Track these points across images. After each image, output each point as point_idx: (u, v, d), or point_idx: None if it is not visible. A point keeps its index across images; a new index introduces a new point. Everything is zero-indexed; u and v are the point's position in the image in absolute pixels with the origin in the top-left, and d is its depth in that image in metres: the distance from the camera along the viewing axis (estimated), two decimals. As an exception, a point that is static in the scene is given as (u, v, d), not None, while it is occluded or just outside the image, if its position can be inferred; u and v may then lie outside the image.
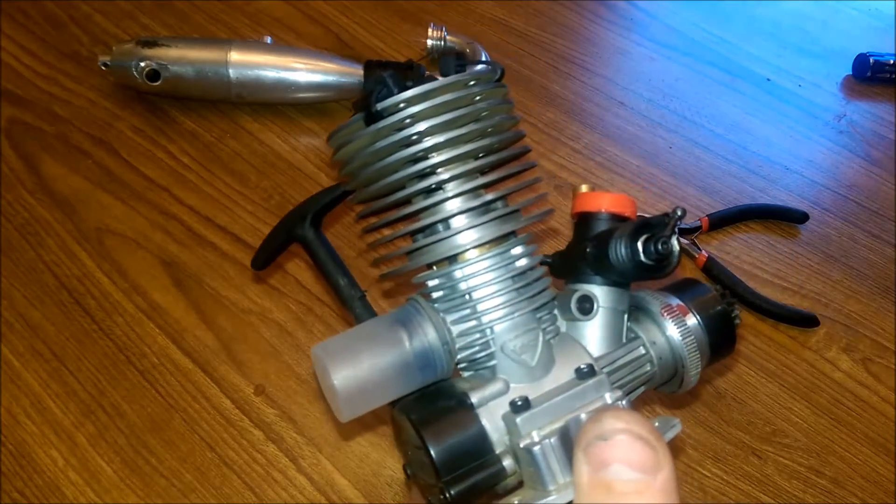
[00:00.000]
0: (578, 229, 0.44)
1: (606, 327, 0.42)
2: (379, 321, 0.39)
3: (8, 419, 0.60)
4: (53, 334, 0.66)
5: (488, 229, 0.40)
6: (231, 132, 0.84)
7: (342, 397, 0.36)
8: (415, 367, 0.38)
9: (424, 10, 1.03)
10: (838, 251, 0.82)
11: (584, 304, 0.41)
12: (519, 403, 0.36)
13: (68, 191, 0.77)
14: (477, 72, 0.40)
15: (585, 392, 0.37)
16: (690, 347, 0.43)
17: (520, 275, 0.40)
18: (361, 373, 0.37)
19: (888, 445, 0.66)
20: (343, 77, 0.84)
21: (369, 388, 0.37)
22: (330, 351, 0.37)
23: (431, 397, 0.38)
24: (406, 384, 0.38)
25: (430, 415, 0.37)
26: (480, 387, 0.38)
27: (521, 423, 0.36)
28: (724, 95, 0.99)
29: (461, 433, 0.36)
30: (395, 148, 0.39)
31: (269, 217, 0.76)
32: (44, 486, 0.57)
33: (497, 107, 0.40)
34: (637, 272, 0.40)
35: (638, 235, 0.39)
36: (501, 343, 0.39)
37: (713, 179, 0.88)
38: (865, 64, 1.04)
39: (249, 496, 0.58)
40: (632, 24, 1.10)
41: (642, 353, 0.42)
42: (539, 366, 0.39)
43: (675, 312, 0.43)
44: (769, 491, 0.62)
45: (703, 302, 0.44)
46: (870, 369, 0.72)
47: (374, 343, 0.38)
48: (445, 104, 0.38)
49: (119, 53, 0.81)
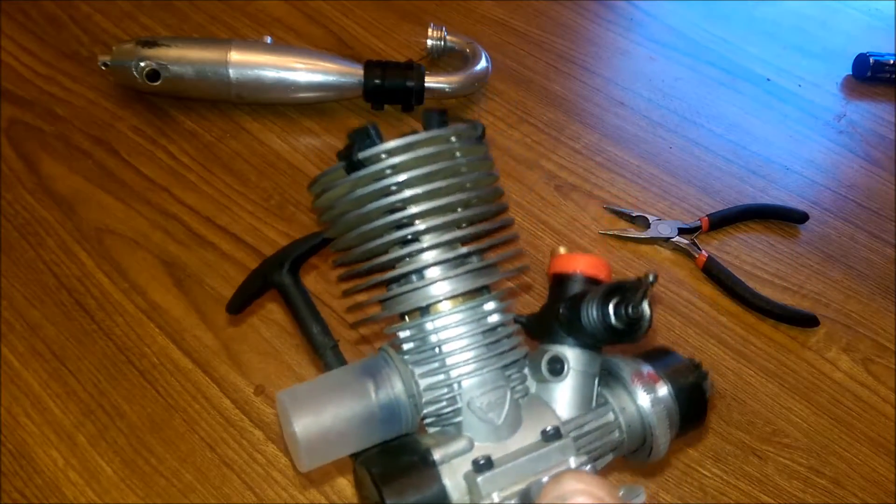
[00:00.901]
0: (553, 290, 0.44)
1: (576, 390, 0.41)
2: (347, 370, 0.39)
3: (8, 419, 0.60)
4: (53, 334, 0.66)
5: (461, 282, 0.40)
6: (231, 132, 0.84)
7: (303, 445, 0.36)
8: (379, 420, 0.37)
9: (424, 10, 1.03)
10: (838, 251, 0.82)
11: (554, 365, 0.41)
12: (481, 463, 0.36)
13: (68, 191, 0.77)
14: (458, 128, 0.40)
15: (550, 455, 0.37)
16: (660, 417, 0.42)
17: (490, 330, 0.40)
18: (324, 422, 0.36)
19: (888, 445, 0.66)
20: (343, 77, 0.84)
21: (331, 437, 0.36)
22: (294, 397, 0.37)
23: (395, 452, 0.38)
24: (369, 436, 0.38)
25: (392, 470, 0.36)
26: (444, 443, 0.37)
27: (481, 484, 0.35)
28: (724, 95, 0.99)
29: (421, 491, 0.36)
30: (373, 197, 0.39)
31: (269, 217, 0.76)
32: (44, 486, 0.57)
33: (477, 163, 0.41)
34: (608, 335, 0.39)
35: (609, 298, 0.39)
36: (468, 399, 0.38)
37: (713, 179, 0.88)
38: (865, 64, 1.04)
39: (249, 496, 0.58)
40: (632, 24, 1.10)
41: (611, 420, 0.41)
42: (505, 425, 0.39)
43: (646, 380, 0.42)
44: (769, 491, 0.62)
45: (676, 371, 0.43)
46: (870, 369, 0.72)
47: (339, 392, 0.37)
48: (426, 157, 0.39)
49: (119, 53, 0.81)
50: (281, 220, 0.76)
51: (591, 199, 0.83)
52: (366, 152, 0.39)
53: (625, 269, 0.77)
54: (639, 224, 0.81)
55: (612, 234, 0.79)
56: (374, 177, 0.39)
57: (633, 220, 0.81)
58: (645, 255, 0.79)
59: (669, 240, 0.79)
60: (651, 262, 0.78)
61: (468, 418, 0.38)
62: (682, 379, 0.43)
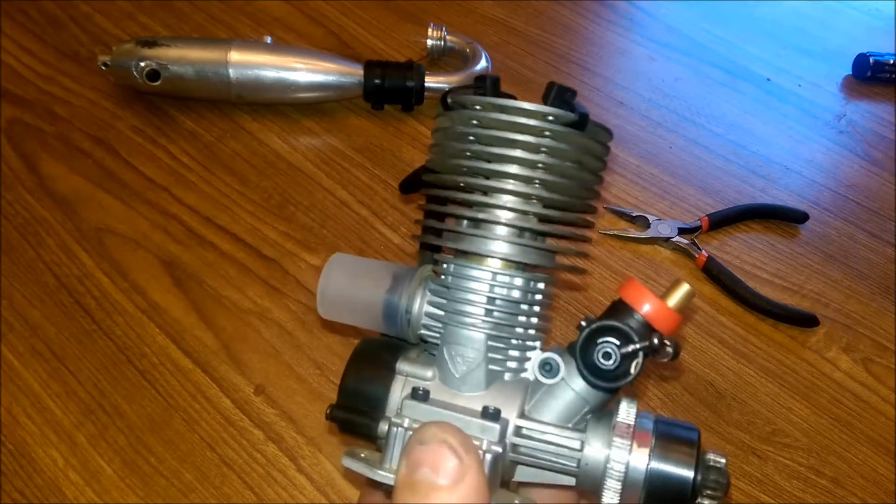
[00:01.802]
0: (608, 309, 0.41)
1: (559, 400, 0.40)
2: (388, 266, 0.44)
3: (8, 419, 0.60)
4: (53, 334, 0.66)
5: (486, 245, 0.41)
6: (231, 132, 0.84)
7: (320, 296, 0.44)
8: (380, 314, 0.43)
9: (424, 10, 1.03)
10: (838, 251, 0.82)
11: (544, 366, 0.41)
12: (419, 392, 0.39)
13: (68, 191, 0.77)
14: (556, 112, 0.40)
15: (471, 425, 0.38)
16: (614, 478, 0.38)
17: (494, 300, 0.41)
18: (342, 289, 0.44)
19: (888, 445, 0.66)
20: (343, 77, 0.84)
21: (344, 304, 0.44)
22: (338, 260, 0.45)
23: (383, 346, 0.43)
24: (371, 321, 0.43)
25: (366, 355, 0.43)
26: (414, 362, 0.42)
27: (405, 405, 0.39)
28: (724, 95, 0.99)
29: (371, 384, 0.41)
30: (453, 137, 0.41)
31: (269, 217, 0.76)
32: (44, 486, 0.57)
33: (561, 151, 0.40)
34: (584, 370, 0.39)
35: (602, 334, 0.38)
36: (446, 342, 0.41)
37: (713, 179, 0.88)
38: (865, 64, 1.04)
39: (249, 496, 0.58)
40: (632, 24, 1.10)
41: (573, 447, 0.39)
42: (463, 381, 0.40)
43: (629, 436, 0.38)
44: (769, 491, 0.62)
45: (672, 454, 0.38)
46: (870, 369, 0.72)
47: (365, 276, 0.44)
48: (509, 123, 0.40)
49: (119, 53, 0.81)
50: (281, 219, 0.76)
51: (591, 199, 0.83)
52: (459, 97, 0.40)
53: (625, 269, 0.77)
54: (639, 224, 0.81)
55: (612, 234, 0.79)
56: (458, 120, 0.41)
57: (633, 220, 0.81)
58: (645, 255, 0.79)
59: (669, 240, 0.79)
60: (651, 262, 0.78)
61: (441, 357, 0.41)
62: (671, 467, 0.38)
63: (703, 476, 0.38)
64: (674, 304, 0.40)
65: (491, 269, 0.41)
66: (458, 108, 0.41)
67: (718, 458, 0.39)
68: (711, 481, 0.38)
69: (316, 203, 0.78)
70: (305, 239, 0.75)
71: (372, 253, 0.74)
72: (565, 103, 0.40)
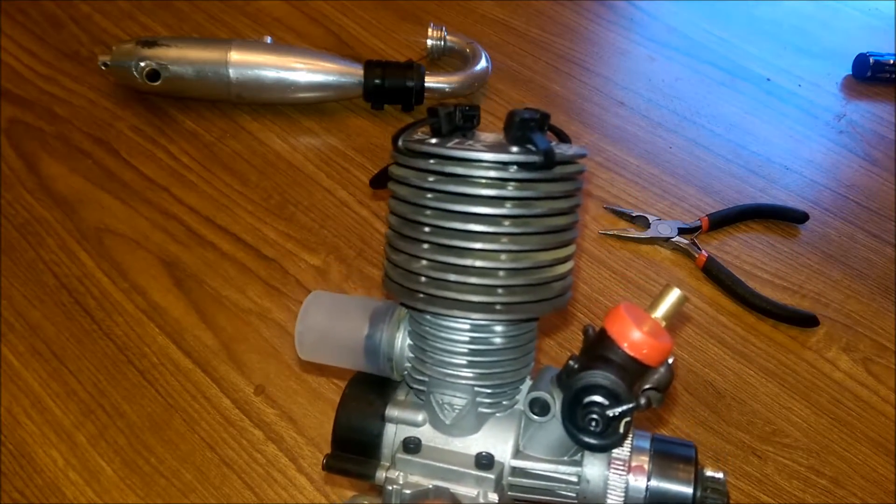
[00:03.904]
0: (592, 341, 0.39)
1: (553, 436, 0.39)
2: (366, 303, 0.43)
3: (8, 419, 0.60)
4: (53, 334, 0.66)
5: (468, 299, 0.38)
6: (231, 132, 0.84)
7: (298, 341, 0.43)
8: (361, 354, 0.42)
9: (424, 10, 1.03)
10: (838, 251, 0.82)
11: (533, 406, 0.40)
12: (411, 445, 0.39)
13: (68, 191, 0.77)
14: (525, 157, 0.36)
15: (466, 477, 0.38)
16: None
17: (480, 350, 0.39)
18: (320, 331, 0.43)
19: (888, 445, 0.66)
20: (343, 77, 0.84)
21: (323, 346, 0.43)
22: (316, 300, 0.43)
23: (374, 386, 0.43)
24: (354, 362, 0.42)
25: (357, 397, 0.42)
26: (405, 406, 0.41)
27: (397, 460, 0.38)
28: (724, 95, 0.99)
29: (363, 430, 0.41)
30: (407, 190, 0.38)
31: (269, 217, 0.76)
32: (44, 486, 0.57)
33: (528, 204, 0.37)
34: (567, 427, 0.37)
35: (587, 394, 0.36)
36: (432, 390, 0.40)
37: (713, 179, 0.88)
38: (865, 64, 1.04)
39: (249, 496, 0.58)
40: (632, 24, 1.10)
41: (571, 480, 0.39)
42: (454, 426, 0.40)
43: (624, 463, 0.38)
44: (769, 491, 0.62)
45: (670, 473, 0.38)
46: (870, 369, 0.72)
47: (343, 317, 0.43)
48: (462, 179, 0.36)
49: (119, 53, 0.81)
50: (281, 219, 0.76)
51: (591, 199, 0.83)
52: (408, 142, 0.38)
53: (625, 269, 0.77)
54: (639, 224, 0.81)
55: (612, 234, 0.79)
56: (412, 174, 0.38)
57: (633, 220, 0.81)
58: (645, 256, 0.79)
59: (669, 240, 0.79)
60: (651, 262, 0.78)
61: (429, 403, 0.40)
62: (671, 485, 0.38)
63: (702, 494, 0.38)
64: (663, 314, 0.38)
65: (469, 319, 0.38)
66: (407, 155, 0.38)
67: (716, 474, 0.40)
68: (710, 498, 0.38)
69: (316, 203, 0.78)
70: (305, 239, 0.75)
71: (372, 253, 0.74)
72: (526, 138, 0.37)
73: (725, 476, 0.39)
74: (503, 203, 0.36)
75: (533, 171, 0.36)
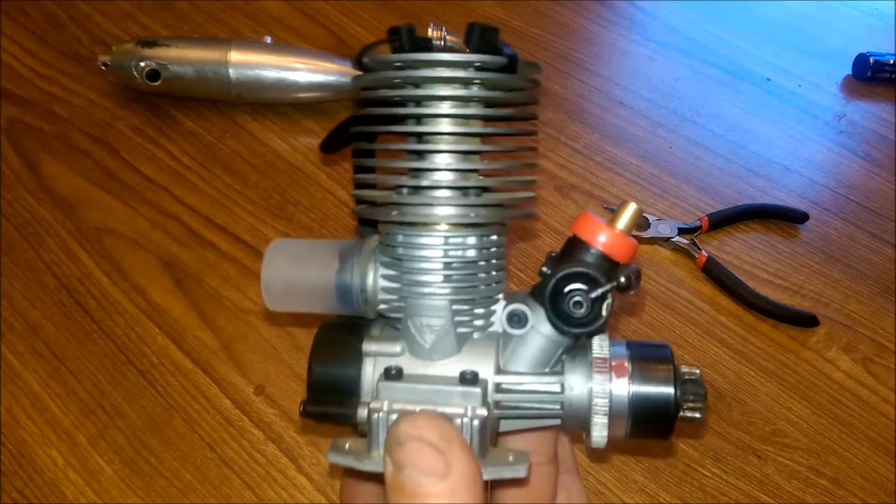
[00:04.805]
0: (563, 249, 0.41)
1: (532, 348, 0.40)
2: (331, 244, 0.42)
3: (8, 419, 0.60)
4: (53, 334, 0.66)
5: (431, 210, 0.39)
6: (231, 132, 0.84)
7: (265, 289, 0.41)
8: (332, 295, 0.41)
9: (424, 10, 1.03)
10: (838, 251, 0.82)
11: (512, 318, 0.40)
12: (392, 372, 0.38)
13: (68, 191, 0.77)
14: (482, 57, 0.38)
15: (452, 395, 0.37)
16: (600, 410, 0.38)
17: (454, 265, 0.40)
18: (288, 276, 0.41)
19: (888, 445, 0.66)
20: (343, 77, 0.84)
21: (292, 292, 0.42)
22: (279, 247, 0.42)
23: (344, 328, 0.42)
24: (324, 304, 0.41)
25: (329, 341, 0.41)
26: (380, 340, 0.40)
27: (380, 388, 0.38)
28: (724, 95, 0.99)
29: (341, 369, 0.40)
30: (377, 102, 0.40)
31: (269, 217, 0.76)
32: (44, 486, 0.57)
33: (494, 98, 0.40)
34: (556, 318, 0.39)
35: (569, 282, 0.38)
36: (410, 315, 0.40)
37: (713, 179, 0.88)
38: (865, 64, 1.04)
39: (249, 496, 0.58)
40: (632, 24, 1.10)
41: (554, 391, 0.39)
42: (434, 350, 0.39)
43: (607, 368, 0.39)
44: (769, 491, 0.62)
45: (651, 376, 0.39)
46: (870, 369, 0.72)
47: (310, 259, 0.41)
48: (434, 78, 0.38)
49: (119, 53, 0.81)
50: (281, 219, 0.76)
51: (591, 199, 0.83)
52: (377, 57, 0.39)
53: (625, 269, 0.77)
54: (639, 224, 0.81)
55: (612, 234, 0.79)
56: (378, 82, 0.39)
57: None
58: (645, 255, 0.79)
59: (669, 240, 0.79)
60: (651, 262, 0.78)
61: (406, 330, 0.40)
62: (652, 387, 0.39)
63: (681, 390, 0.39)
64: (624, 226, 0.39)
65: (442, 233, 0.39)
66: (377, 69, 0.39)
67: (693, 370, 0.40)
68: (690, 393, 0.39)
69: (316, 203, 0.78)
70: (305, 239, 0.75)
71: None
72: (490, 45, 0.39)
73: (700, 372, 0.40)
74: (471, 105, 0.39)
75: (497, 73, 0.39)
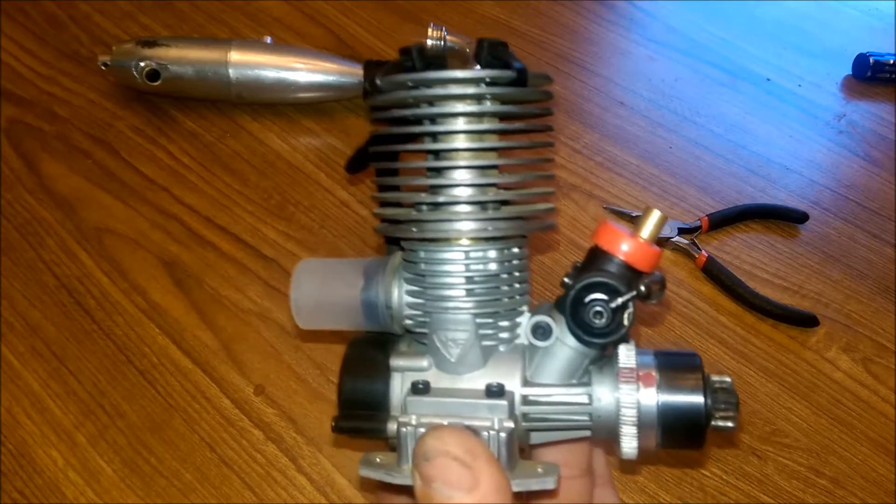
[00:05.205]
0: (585, 260, 0.41)
1: (558, 360, 0.40)
2: (356, 262, 0.43)
3: (8, 419, 0.60)
4: (53, 334, 0.66)
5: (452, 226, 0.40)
6: (231, 132, 0.84)
7: (294, 308, 0.43)
8: (359, 312, 0.42)
9: (424, 10, 1.03)
10: (838, 251, 0.82)
11: (536, 331, 0.40)
12: (419, 386, 0.39)
13: (68, 191, 0.77)
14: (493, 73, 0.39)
15: (478, 407, 0.37)
16: (628, 421, 0.38)
17: (477, 278, 0.40)
18: (315, 297, 0.43)
19: (888, 445, 0.66)
20: (343, 77, 0.84)
21: (320, 310, 0.43)
22: (306, 268, 0.44)
23: (372, 343, 0.43)
24: (353, 321, 0.42)
25: (358, 357, 0.42)
26: (408, 356, 0.41)
27: (408, 403, 0.38)
28: (724, 95, 0.99)
29: (370, 385, 0.41)
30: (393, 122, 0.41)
31: (269, 217, 0.76)
32: (44, 486, 0.57)
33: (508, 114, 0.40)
34: (577, 329, 0.39)
35: (590, 291, 0.38)
36: (435, 329, 0.40)
37: (713, 179, 0.88)
38: (865, 64, 1.04)
39: (249, 496, 0.58)
40: (632, 24, 1.10)
41: (582, 402, 0.39)
42: (460, 363, 0.40)
43: (635, 378, 0.38)
44: (769, 491, 0.62)
45: (680, 386, 0.38)
46: (870, 369, 0.72)
47: (337, 278, 0.43)
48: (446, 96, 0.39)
49: (119, 53, 0.81)
50: (281, 219, 0.76)
51: (591, 199, 0.83)
52: (390, 78, 0.40)
53: (625, 269, 0.77)
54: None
55: (612, 234, 0.79)
56: (392, 103, 0.40)
57: (632, 220, 0.81)
58: (645, 255, 0.79)
59: (669, 240, 0.79)
60: (651, 262, 0.78)
61: (432, 344, 0.40)
62: (681, 396, 0.38)
63: (712, 399, 0.39)
64: (648, 235, 0.39)
65: (463, 247, 0.40)
66: (390, 90, 0.40)
67: (724, 378, 0.40)
68: (722, 402, 0.39)
69: (316, 203, 0.78)
70: (305, 239, 0.75)
71: (372, 253, 0.74)
72: (499, 60, 0.39)
73: (732, 380, 0.40)
74: (485, 120, 0.39)
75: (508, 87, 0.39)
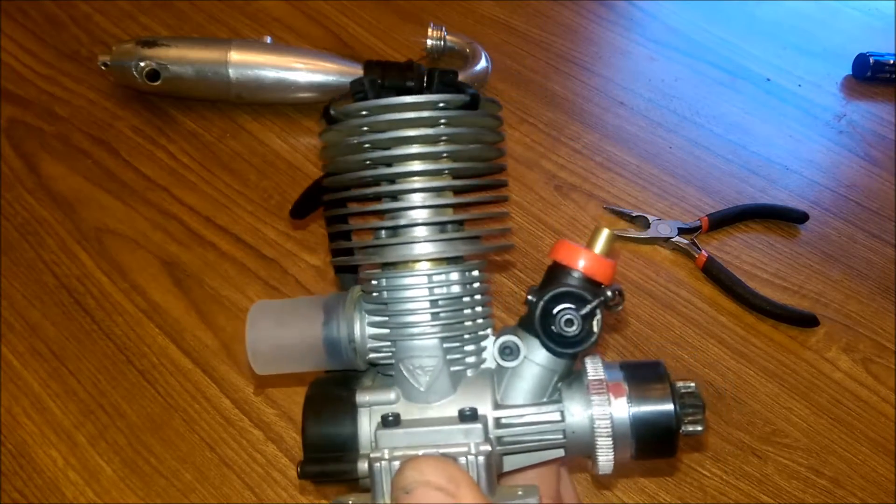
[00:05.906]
0: (545, 277, 0.41)
1: (527, 380, 0.40)
2: (312, 300, 0.42)
3: (8, 419, 0.60)
4: (53, 334, 0.66)
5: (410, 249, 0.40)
6: (231, 132, 0.84)
7: (250, 351, 0.41)
8: (321, 351, 0.40)
9: (424, 10, 1.03)
10: (838, 251, 0.82)
11: (503, 352, 0.40)
12: (389, 419, 0.38)
13: (68, 191, 0.77)
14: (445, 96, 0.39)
15: (453, 433, 0.37)
16: (603, 433, 0.38)
17: (440, 301, 0.40)
18: (273, 338, 0.41)
19: (888, 445, 0.66)
20: (343, 77, 0.84)
21: (279, 353, 0.41)
22: (261, 309, 0.42)
23: (335, 382, 0.41)
24: (313, 361, 0.41)
25: (320, 398, 0.40)
26: (373, 390, 0.40)
27: (379, 437, 0.37)
28: (724, 95, 0.99)
29: (336, 426, 0.39)
30: (348, 150, 0.40)
31: (269, 217, 0.76)
32: (44, 486, 0.57)
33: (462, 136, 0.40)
34: (548, 339, 0.39)
35: (558, 302, 0.38)
36: (402, 358, 0.39)
37: (713, 179, 0.88)
38: (865, 64, 1.04)
39: (249, 496, 0.58)
40: (632, 24, 1.10)
41: (555, 419, 0.39)
42: (430, 391, 0.39)
43: (605, 391, 0.39)
44: (769, 491, 0.62)
45: (648, 396, 0.39)
46: (870, 369, 0.72)
47: (294, 317, 0.41)
48: (400, 122, 0.39)
49: (119, 53, 0.81)
50: (281, 219, 0.76)
51: (591, 199, 0.83)
52: (344, 108, 0.39)
53: (625, 269, 0.77)
54: (639, 224, 0.81)
55: (612, 234, 0.79)
56: (347, 133, 0.40)
57: (632, 220, 0.81)
58: (645, 255, 0.79)
59: (669, 240, 0.79)
60: (651, 262, 0.78)
61: (399, 375, 0.40)
62: (651, 406, 0.38)
63: (680, 405, 0.39)
64: (601, 250, 0.40)
65: (425, 271, 0.39)
66: (343, 120, 0.40)
67: (688, 384, 0.40)
68: (689, 406, 0.39)
69: (316, 203, 0.78)
70: (305, 239, 0.75)
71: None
72: (451, 86, 0.40)
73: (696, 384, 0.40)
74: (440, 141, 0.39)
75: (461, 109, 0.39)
